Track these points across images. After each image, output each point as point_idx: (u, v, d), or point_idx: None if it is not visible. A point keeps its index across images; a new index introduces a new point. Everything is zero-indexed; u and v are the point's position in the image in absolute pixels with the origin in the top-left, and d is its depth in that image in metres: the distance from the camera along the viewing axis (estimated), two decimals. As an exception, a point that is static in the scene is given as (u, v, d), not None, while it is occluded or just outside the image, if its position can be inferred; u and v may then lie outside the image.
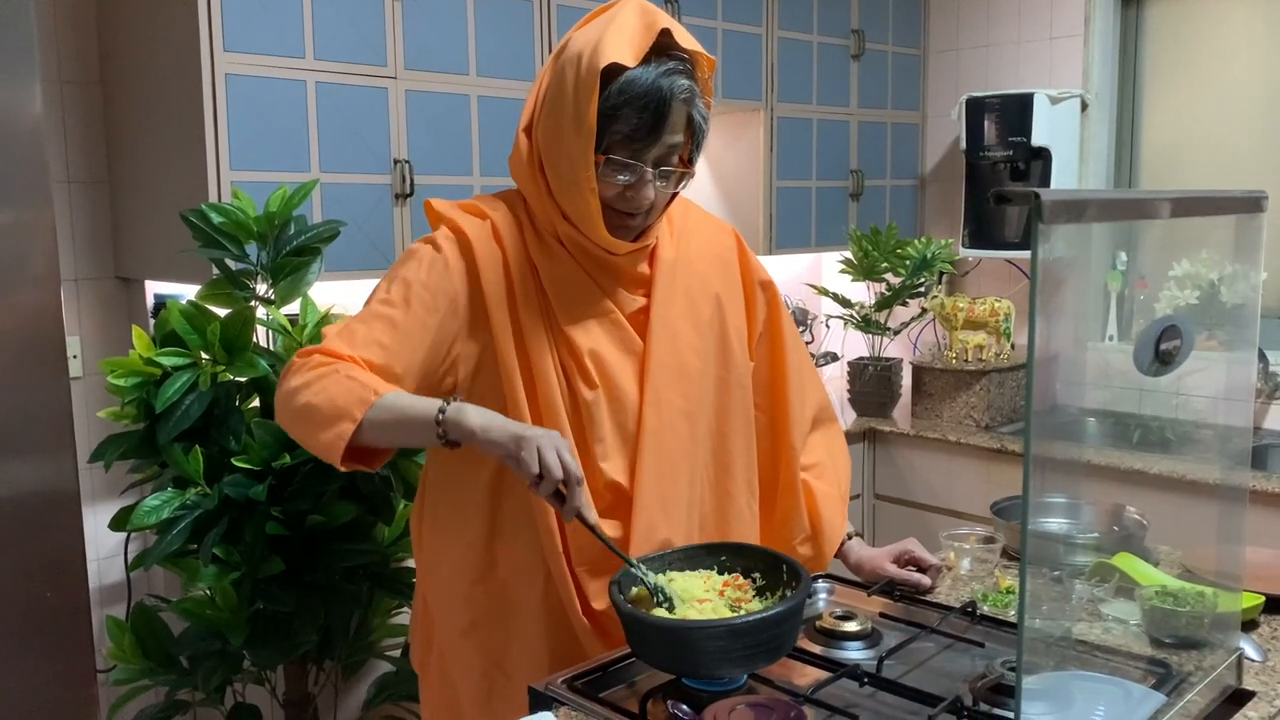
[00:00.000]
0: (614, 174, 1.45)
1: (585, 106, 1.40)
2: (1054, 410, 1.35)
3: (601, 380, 1.50)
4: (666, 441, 1.53)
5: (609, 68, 1.39)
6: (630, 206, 1.48)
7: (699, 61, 1.49)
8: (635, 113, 1.41)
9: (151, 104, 2.47)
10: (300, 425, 1.42)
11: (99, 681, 2.00)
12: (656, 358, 1.53)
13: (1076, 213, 0.94)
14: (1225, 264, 1.53)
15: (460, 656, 1.59)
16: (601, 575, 1.49)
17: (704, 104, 1.51)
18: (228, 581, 2.03)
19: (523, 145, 1.51)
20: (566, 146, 1.43)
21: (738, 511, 1.64)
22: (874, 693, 1.34)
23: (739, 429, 1.64)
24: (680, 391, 1.55)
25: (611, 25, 1.42)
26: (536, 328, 1.48)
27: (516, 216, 1.53)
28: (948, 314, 3.50)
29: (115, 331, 2.67)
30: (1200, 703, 1.28)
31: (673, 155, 1.48)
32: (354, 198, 2.53)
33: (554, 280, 1.51)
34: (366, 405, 1.36)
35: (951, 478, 3.35)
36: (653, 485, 1.51)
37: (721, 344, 1.62)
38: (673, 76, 1.43)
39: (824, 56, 3.62)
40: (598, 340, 1.51)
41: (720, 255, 1.67)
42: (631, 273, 1.55)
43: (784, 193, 3.55)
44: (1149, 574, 1.63)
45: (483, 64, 2.72)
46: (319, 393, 1.38)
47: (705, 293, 1.61)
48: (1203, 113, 3.54)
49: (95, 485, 2.56)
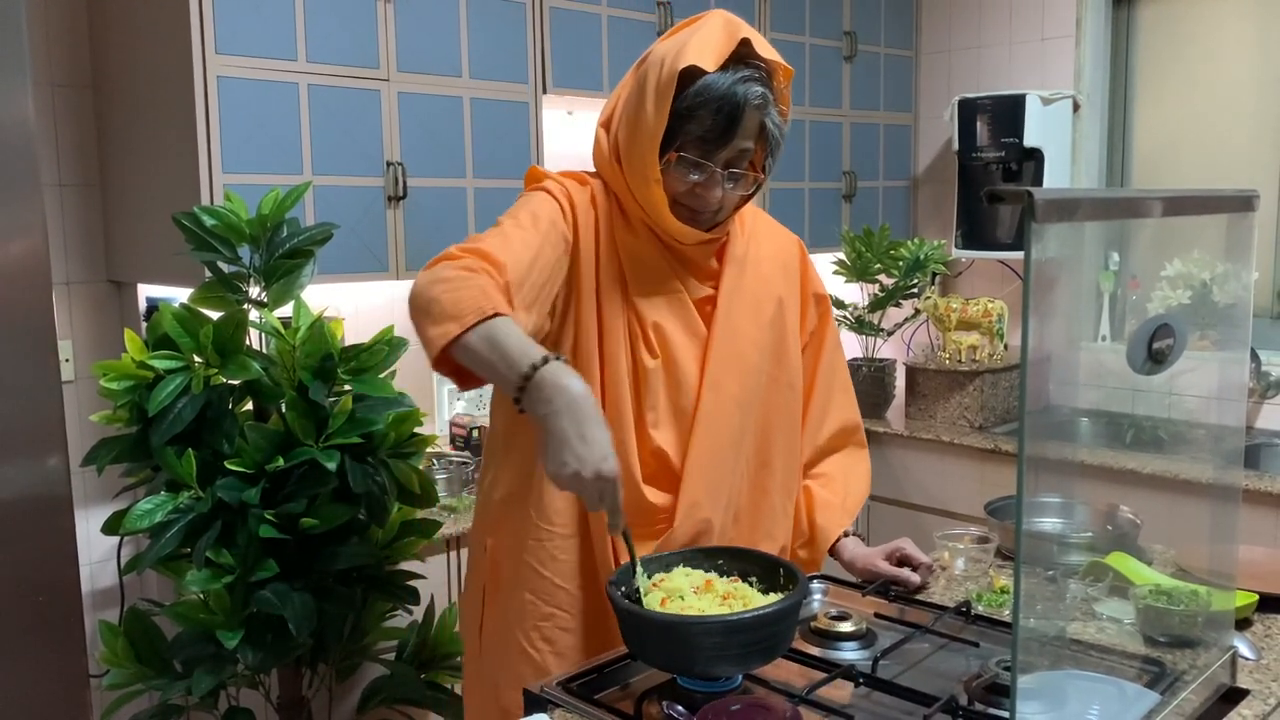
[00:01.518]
0: (685, 172, 1.52)
1: (662, 103, 1.47)
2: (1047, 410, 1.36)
3: (663, 352, 1.57)
4: (719, 425, 1.60)
5: (688, 71, 1.46)
6: (698, 204, 1.54)
7: (776, 71, 1.54)
8: (710, 115, 1.48)
9: (143, 106, 2.47)
10: (421, 310, 1.37)
11: (92, 686, 1.99)
12: (718, 344, 1.60)
13: (1069, 211, 0.94)
14: (1217, 264, 1.54)
15: (517, 615, 1.60)
16: (641, 540, 1.53)
17: (779, 113, 1.56)
18: (221, 585, 2.02)
19: (601, 138, 1.59)
20: (639, 138, 1.50)
21: (770, 508, 1.69)
22: (869, 693, 1.34)
23: (783, 429, 1.70)
24: (737, 381, 1.62)
25: (696, 34, 1.50)
26: (614, 290, 1.56)
27: (608, 192, 1.61)
28: (941, 315, 3.51)
29: (107, 335, 2.66)
30: (1194, 701, 1.28)
31: (744, 159, 1.54)
32: (347, 200, 2.52)
33: (631, 254, 1.58)
34: (481, 315, 1.31)
35: (945, 478, 3.36)
36: (703, 465, 1.58)
37: (780, 344, 1.69)
38: (748, 83, 1.49)
39: (816, 58, 3.62)
40: (664, 315, 1.58)
41: (785, 262, 1.73)
42: (702, 264, 1.62)
43: (777, 194, 3.55)
44: (1143, 573, 1.64)
45: (475, 66, 2.72)
46: (452, 290, 1.34)
47: (769, 294, 1.68)
48: (1194, 113, 3.55)
49: (88, 489, 2.55)
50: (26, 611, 1.91)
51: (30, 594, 1.92)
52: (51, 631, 1.94)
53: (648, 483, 1.57)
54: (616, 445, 1.42)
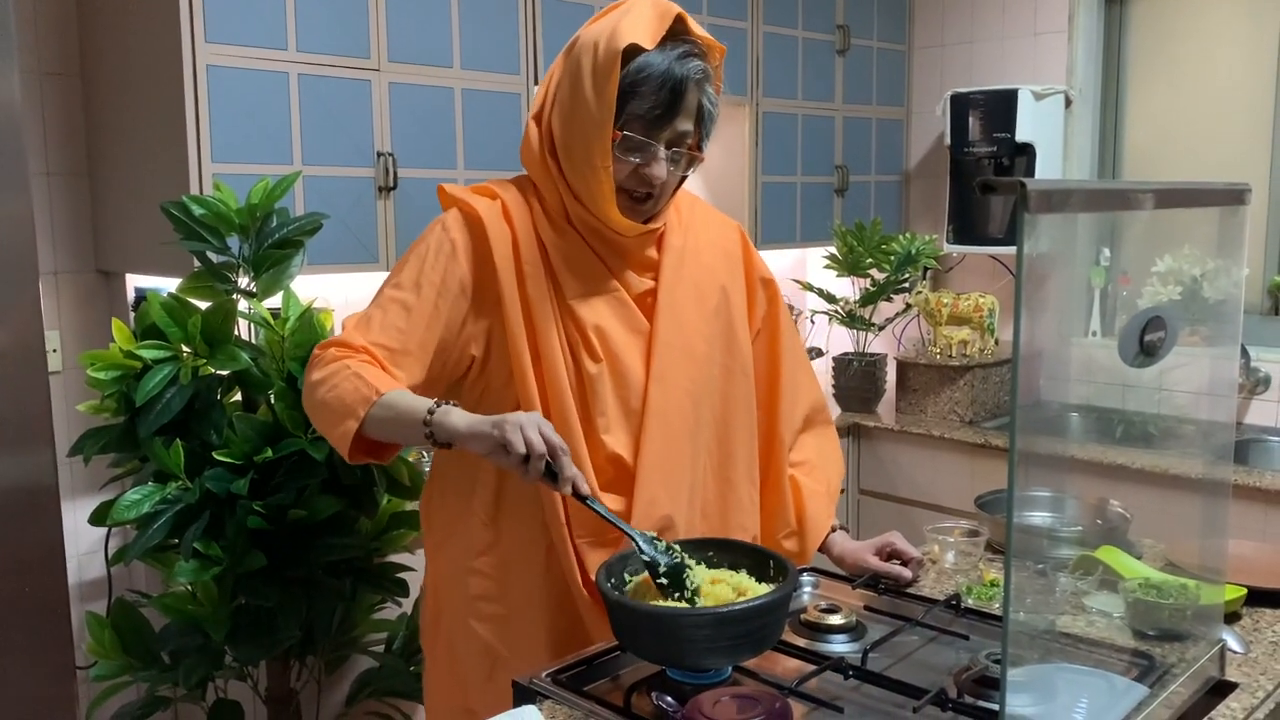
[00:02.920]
0: (627, 153, 1.49)
1: (604, 85, 1.44)
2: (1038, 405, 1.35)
3: (606, 355, 1.54)
4: (671, 420, 1.56)
5: (626, 50, 1.44)
6: (642, 186, 1.52)
7: (711, 49, 1.53)
8: (652, 92, 1.46)
9: (132, 95, 2.45)
10: (318, 420, 1.51)
11: (79, 678, 1.98)
12: (663, 338, 1.57)
13: (1062, 202, 0.94)
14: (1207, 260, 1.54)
15: (465, 634, 1.61)
16: (602, 548, 1.52)
17: (714, 90, 1.55)
18: (209, 576, 2.01)
19: (532, 133, 1.55)
20: (582, 126, 1.47)
21: (738, 500, 1.67)
22: (859, 685, 1.34)
23: (742, 418, 1.67)
24: (686, 373, 1.59)
25: (627, 15, 1.48)
26: (544, 304, 1.52)
27: (526, 199, 1.58)
28: (932, 309, 3.51)
29: (95, 325, 2.65)
30: (1183, 694, 1.28)
31: (684, 140, 1.52)
32: (337, 191, 2.51)
33: (563, 259, 1.55)
34: (369, 404, 1.42)
35: (935, 472, 3.36)
36: (656, 462, 1.54)
37: (728, 333, 1.65)
38: (688, 59, 1.48)
39: (809, 52, 3.61)
40: (603, 317, 1.55)
41: (726, 249, 1.70)
42: (640, 256, 1.59)
43: (769, 188, 3.55)
44: (1132, 567, 1.64)
45: (467, 57, 2.71)
46: (331, 389, 1.45)
47: (711, 283, 1.65)
48: (1186, 109, 3.56)
49: (75, 479, 2.54)
50: (13, 603, 1.90)
51: (17, 585, 1.91)
52: (38, 623, 1.93)
53: (605, 490, 1.53)
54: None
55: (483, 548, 1.58)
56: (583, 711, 1.27)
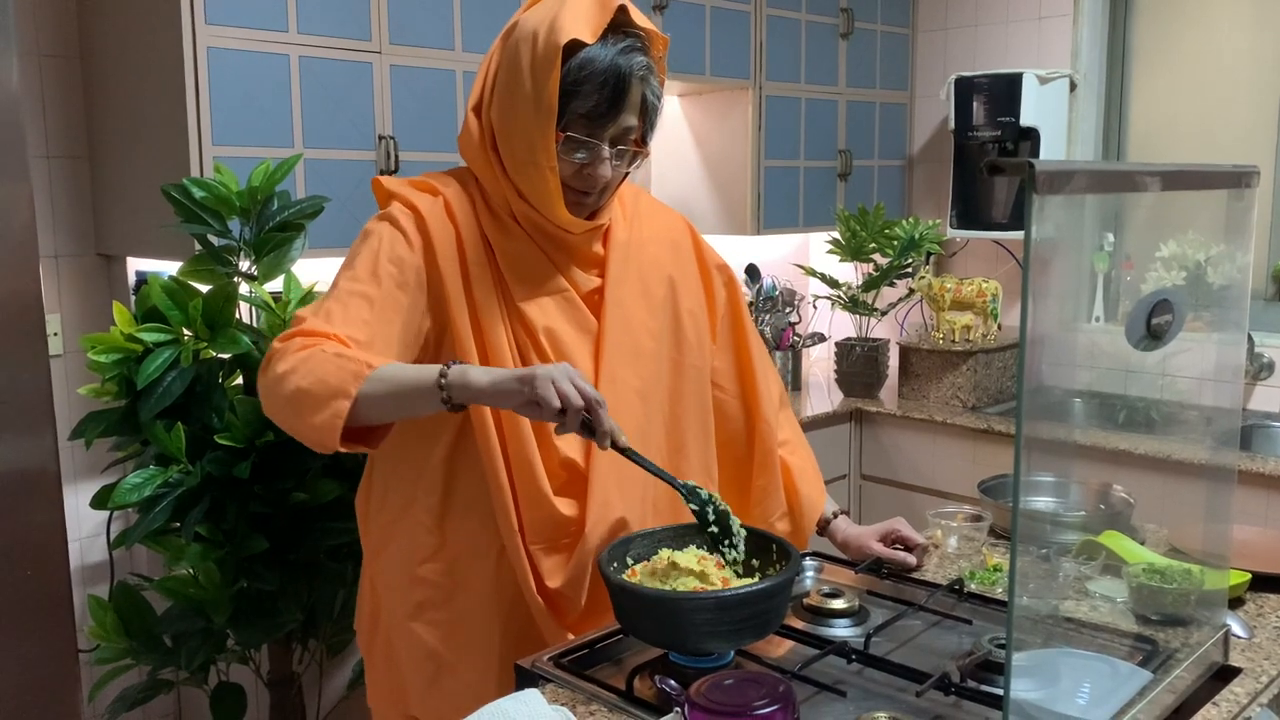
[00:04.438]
0: (571, 152, 1.44)
1: (545, 84, 1.38)
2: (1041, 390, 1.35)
3: (556, 357, 1.49)
4: (622, 419, 1.49)
5: (567, 45, 1.38)
6: (586, 185, 1.47)
7: (654, 40, 1.48)
8: (595, 90, 1.40)
9: (132, 77, 2.44)
10: (291, 412, 1.36)
11: (81, 661, 1.98)
12: (611, 337, 1.53)
13: (1070, 183, 0.93)
14: (1212, 245, 1.53)
15: (407, 639, 1.55)
16: (556, 552, 1.48)
17: (658, 83, 1.50)
18: (211, 560, 2.01)
19: (473, 125, 1.50)
20: (524, 125, 1.42)
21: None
22: (861, 669, 1.34)
23: (693, 412, 1.63)
24: (634, 371, 1.55)
25: (566, 3, 1.42)
26: (491, 305, 1.47)
27: (469, 193, 1.52)
28: (935, 295, 3.50)
29: (96, 309, 2.64)
30: (1187, 679, 1.28)
31: (629, 135, 1.48)
32: (338, 174, 2.50)
33: (510, 258, 1.50)
34: (361, 379, 1.31)
35: (937, 458, 3.36)
36: (608, 463, 1.48)
37: (674, 326, 1.62)
38: (631, 54, 1.43)
39: (812, 35, 3.60)
40: (553, 318, 1.50)
41: (672, 239, 1.66)
42: (586, 252, 1.55)
43: (771, 172, 3.53)
44: (1136, 552, 1.63)
45: (468, 39, 2.69)
46: (307, 375, 1.32)
47: (658, 275, 1.61)
48: (1190, 94, 3.54)
49: (76, 463, 2.54)
50: (15, 586, 1.90)
51: (19, 569, 1.91)
52: (40, 606, 1.93)
53: (560, 494, 1.48)
54: (521, 462, 1.44)
55: (427, 554, 1.52)
56: (585, 695, 1.27)
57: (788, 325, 3.63)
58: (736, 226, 3.53)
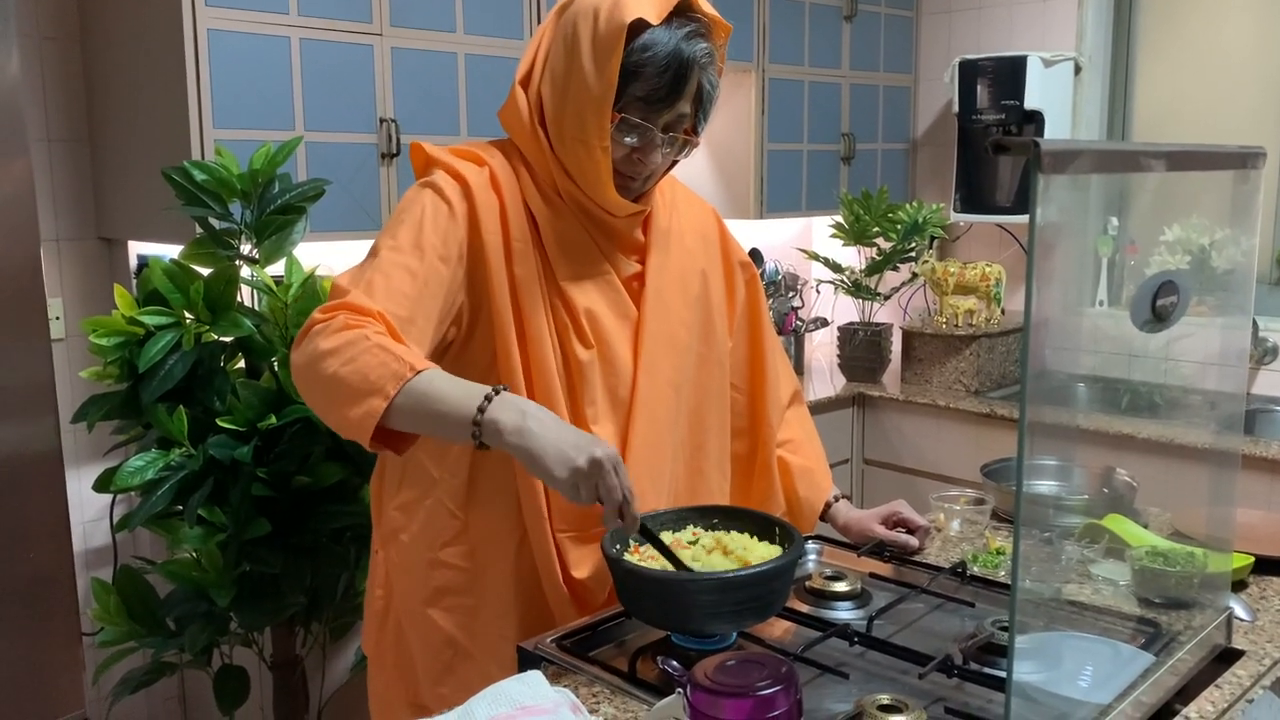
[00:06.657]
0: (623, 135, 1.41)
1: (606, 63, 1.35)
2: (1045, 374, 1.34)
3: (597, 341, 1.46)
4: (656, 411, 1.50)
5: (631, 25, 1.34)
6: (634, 170, 1.44)
7: (716, 27, 1.45)
8: (656, 74, 1.37)
9: (133, 60, 2.43)
10: (323, 396, 1.29)
11: (84, 644, 1.99)
12: (650, 326, 1.51)
13: (1075, 163, 0.92)
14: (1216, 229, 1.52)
15: (422, 626, 1.52)
16: (585, 543, 1.46)
17: (715, 72, 1.47)
18: (213, 543, 2.01)
19: (520, 99, 1.45)
20: (577, 103, 1.38)
21: (708, 490, 1.61)
22: (864, 652, 1.34)
23: (714, 408, 1.62)
24: (670, 362, 1.53)
25: None
26: (532, 283, 1.43)
27: (514, 166, 1.48)
28: (938, 279, 3.49)
29: (97, 292, 2.64)
30: (1190, 662, 1.28)
31: (682, 123, 1.45)
32: (339, 157, 2.49)
33: (555, 234, 1.46)
34: (401, 381, 1.23)
35: (940, 442, 3.35)
36: (643, 454, 1.47)
37: (706, 320, 1.60)
38: (694, 40, 1.40)
39: (816, 17, 3.58)
40: (594, 300, 1.47)
41: (704, 233, 1.65)
42: (628, 237, 1.52)
43: (775, 156, 3.52)
44: (1139, 535, 1.63)
45: (470, 21, 2.68)
46: (349, 362, 1.24)
47: (694, 268, 1.59)
48: (1195, 77, 3.52)
49: (78, 446, 2.54)
50: (18, 570, 1.90)
51: (22, 552, 1.91)
52: (44, 590, 1.94)
53: None
54: None
55: (450, 537, 1.48)
56: (588, 676, 1.27)
57: (790, 310, 3.62)
58: (739, 210, 3.52)
